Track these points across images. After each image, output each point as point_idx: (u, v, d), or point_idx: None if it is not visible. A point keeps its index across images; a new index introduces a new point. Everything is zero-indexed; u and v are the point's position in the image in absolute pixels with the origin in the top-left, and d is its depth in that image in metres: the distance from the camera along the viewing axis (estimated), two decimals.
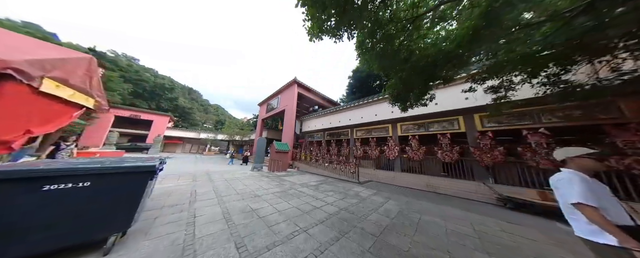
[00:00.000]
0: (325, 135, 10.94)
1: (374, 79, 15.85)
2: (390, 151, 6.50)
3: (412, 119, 6.14)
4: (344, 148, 8.97)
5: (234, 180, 5.26)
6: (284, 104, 12.92)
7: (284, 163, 8.61)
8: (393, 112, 6.59)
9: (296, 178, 6.50)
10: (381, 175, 6.57)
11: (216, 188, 4.14)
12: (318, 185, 5.24)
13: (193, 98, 58.24)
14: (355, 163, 6.58)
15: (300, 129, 13.82)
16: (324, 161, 8.44)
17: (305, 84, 12.72)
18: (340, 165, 7.32)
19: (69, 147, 3.95)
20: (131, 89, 20.30)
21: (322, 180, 6.35)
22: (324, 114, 10.71)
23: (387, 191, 4.92)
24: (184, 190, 3.76)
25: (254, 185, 4.76)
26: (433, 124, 5.75)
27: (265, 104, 16.61)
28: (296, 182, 5.63)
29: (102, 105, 4.19)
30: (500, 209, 3.54)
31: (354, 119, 8.55)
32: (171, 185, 4.16)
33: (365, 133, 8.17)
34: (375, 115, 7.31)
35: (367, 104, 7.83)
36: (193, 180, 4.97)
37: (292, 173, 7.93)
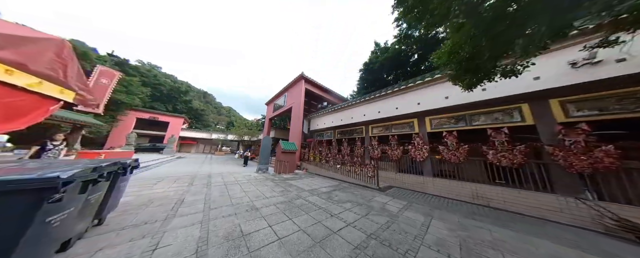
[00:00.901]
0: (335, 134, 9.96)
1: (390, 70, 14.28)
2: (418, 151, 5.30)
3: (447, 110, 4.88)
4: (357, 147, 7.90)
5: (234, 185, 4.59)
6: (291, 101, 12.23)
7: (292, 165, 7.85)
8: (420, 104, 5.37)
9: (305, 182, 5.65)
10: (406, 180, 5.40)
11: (209, 195, 3.45)
12: (330, 193, 4.31)
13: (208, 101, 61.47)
14: (374, 166, 5.52)
15: (308, 128, 13.03)
16: (336, 162, 7.48)
17: (313, 80, 11.88)
18: (354, 168, 6.29)
19: (57, 148, 3.56)
20: (150, 92, 21.55)
21: (335, 185, 5.41)
22: (335, 110, 9.74)
23: (421, 202, 3.79)
24: (171, 198, 3.13)
25: (255, 191, 4.01)
26: (478, 116, 4.43)
27: (272, 103, 16.17)
28: (304, 187, 4.77)
29: (87, 100, 3.63)
30: (628, 244, 2.24)
31: (369, 115, 7.44)
32: (160, 191, 3.59)
33: (383, 131, 7.02)
34: (396, 108, 6.14)
35: (385, 96, 6.68)
36: (189, 184, 4.40)
37: (300, 175, 7.12)
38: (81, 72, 3.31)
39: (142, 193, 3.40)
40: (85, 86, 3.15)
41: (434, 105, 5.02)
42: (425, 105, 5.24)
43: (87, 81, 3.71)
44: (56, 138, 3.57)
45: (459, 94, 4.19)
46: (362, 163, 6.28)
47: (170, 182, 4.57)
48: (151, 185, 4.08)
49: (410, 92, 5.76)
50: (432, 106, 5.04)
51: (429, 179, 4.88)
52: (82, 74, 3.26)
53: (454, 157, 4.47)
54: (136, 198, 3.01)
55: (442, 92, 4.83)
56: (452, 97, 4.58)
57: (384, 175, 5.86)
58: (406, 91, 5.87)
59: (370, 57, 15.16)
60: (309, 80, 11.69)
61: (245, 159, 10.40)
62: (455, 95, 4.50)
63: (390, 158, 6.19)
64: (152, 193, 3.44)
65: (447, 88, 4.73)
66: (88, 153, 5.42)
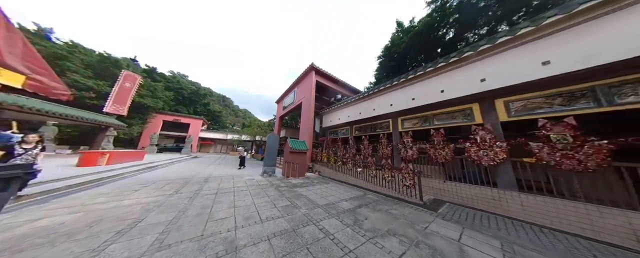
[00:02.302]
0: (352, 130, 8.45)
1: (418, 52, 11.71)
2: (485, 151, 3.50)
3: (540, 85, 2.99)
4: (382, 146, 6.30)
5: (226, 195, 3.58)
6: (301, 96, 11.15)
7: (302, 167, 6.69)
8: (485, 80, 3.56)
9: (317, 190, 4.38)
10: (463, 193, 3.66)
11: (181, 213, 2.44)
12: (355, 211, 2.94)
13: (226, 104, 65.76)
14: (414, 172, 3.91)
15: (320, 126, 11.77)
16: (356, 165, 6.02)
17: (325, 71, 10.58)
18: (383, 172, 4.75)
19: (29, 152, 2.79)
20: (173, 96, 23.24)
21: (358, 196, 4.00)
22: (351, 102, 8.24)
23: (522, 238, 2.12)
24: (128, 218, 2.19)
25: (248, 208, 2.89)
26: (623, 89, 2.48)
27: (282, 100, 15.43)
28: (317, 200, 3.49)
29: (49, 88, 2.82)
30: None
31: (398, 104, 5.77)
32: (128, 204, 2.74)
33: (420, 123, 5.28)
34: (441, 91, 4.39)
35: (423, 77, 4.95)
36: (175, 192, 3.55)
37: (311, 180, 5.88)
38: (34, 53, 2.40)
39: (101, 206, 2.58)
40: (45, 70, 2.44)
41: (512, 78, 3.19)
42: (495, 81, 3.42)
43: (45, 64, 2.97)
44: (27, 140, 2.85)
45: (576, 52, 2.37)
46: (393, 167, 4.69)
47: (156, 188, 3.81)
48: (129, 193, 3.33)
49: (467, 66, 3.96)
50: (510, 81, 3.21)
51: (511, 195, 3.08)
52: (36, 55, 2.38)
53: (573, 163, 2.55)
54: (79, 217, 2.14)
55: (531, 56, 2.99)
56: (556, 61, 2.73)
57: (424, 182, 4.20)
58: (459, 65, 4.08)
59: (392, 38, 12.89)
60: (319, 72, 10.43)
61: (241, 160, 8.90)
62: (564, 56, 2.65)
63: (433, 160, 4.47)
64: (115, 206, 2.60)
65: (542, 47, 2.88)
66: (92, 153, 5.14)
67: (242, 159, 8.90)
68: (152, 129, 18.77)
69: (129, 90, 12.06)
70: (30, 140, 2.88)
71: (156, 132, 17.75)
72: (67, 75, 12.79)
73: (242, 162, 8.80)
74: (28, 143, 2.85)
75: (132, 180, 4.65)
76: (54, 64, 12.99)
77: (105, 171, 4.87)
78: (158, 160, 8.55)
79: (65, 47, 14.26)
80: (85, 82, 13.04)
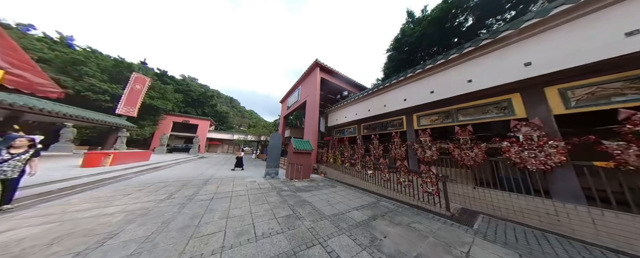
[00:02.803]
0: (361, 129, 7.86)
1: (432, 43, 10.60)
2: (532, 151, 2.79)
3: (622, 63, 2.26)
4: (394, 146, 5.67)
5: (222, 201, 3.21)
6: (306, 94, 10.74)
7: (307, 168, 6.25)
8: (531, 64, 2.85)
9: (324, 195, 3.90)
10: (501, 203, 2.98)
11: (165, 225, 2.08)
12: (370, 224, 2.42)
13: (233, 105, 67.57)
14: (438, 176, 3.30)
15: (325, 126, 11.29)
16: (366, 166, 5.45)
17: (330, 67, 10.07)
18: (398, 176, 4.15)
19: (16, 157, 2.51)
20: (182, 97, 23.98)
21: (370, 203, 3.46)
22: (359, 98, 7.66)
23: None
24: (105, 229, 1.87)
25: (243, 218, 2.48)
26: None
27: (287, 99, 15.15)
28: (324, 209, 3.01)
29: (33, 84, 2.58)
30: None
31: (413, 98, 5.12)
32: (114, 210, 2.45)
33: (441, 120, 4.60)
34: (468, 81, 3.70)
35: (444, 66, 4.27)
36: (168, 197, 3.25)
37: (316, 183, 5.42)
38: (15, 46, 2.19)
39: (83, 214, 2.30)
40: (28, 65, 2.25)
41: (575, 59, 2.47)
42: (547, 64, 2.71)
43: (29, 60, 2.72)
44: (15, 144, 2.60)
45: None
46: (411, 170, 4.07)
47: (150, 191, 3.56)
48: (121, 197, 3.08)
49: (503, 49, 3.25)
50: (571, 62, 2.49)
51: (576, 210, 2.37)
52: (17, 48, 2.17)
53: None
54: (47, 230, 1.85)
55: (608, 25, 2.27)
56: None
57: (448, 188, 3.55)
58: (492, 48, 3.37)
59: (402, 29, 11.93)
60: (324, 68, 9.94)
61: (237, 161, 8.23)
62: None
63: (458, 162, 3.80)
64: (96, 215, 2.31)
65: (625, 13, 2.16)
66: (95, 154, 5.08)
67: (239, 160, 8.30)
68: (163, 129, 19.41)
69: (139, 92, 12.41)
70: (19, 144, 2.64)
71: (166, 133, 18.31)
72: (85, 79, 13.49)
73: (238, 163, 8.19)
74: (16, 147, 2.61)
75: (131, 182, 4.49)
76: (73, 69, 13.78)
77: (107, 172, 4.77)
78: (163, 161, 8.57)
79: (83, 53, 15.08)
80: (100, 85, 13.67)
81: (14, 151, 2.56)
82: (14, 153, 2.54)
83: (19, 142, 2.64)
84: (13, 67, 2.42)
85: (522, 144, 2.88)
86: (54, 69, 13.00)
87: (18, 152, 2.58)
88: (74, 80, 13.14)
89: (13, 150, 2.57)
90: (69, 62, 13.66)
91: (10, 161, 2.48)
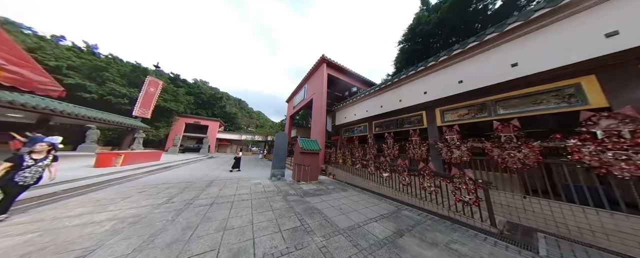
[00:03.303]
0: (372, 127, 7.26)
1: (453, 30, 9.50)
2: (619, 153, 2.06)
3: None
4: (412, 145, 5.03)
5: (222, 207, 2.90)
6: (312, 91, 10.35)
7: (314, 169, 5.83)
8: (618, 34, 2.10)
9: (335, 201, 3.44)
10: (574, 220, 2.28)
11: (152, 239, 1.78)
12: (395, 241, 1.93)
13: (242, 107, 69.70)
14: (477, 183, 2.66)
15: (332, 125, 10.80)
16: (380, 168, 4.88)
17: (337, 62, 9.55)
18: (422, 180, 3.54)
19: (39, 163, 2.42)
20: (193, 100, 24.99)
21: (390, 212, 2.93)
22: (370, 94, 7.07)
23: None
24: (83, 242, 1.61)
25: (242, 233, 2.11)
26: None
27: (293, 99, 14.91)
28: (337, 220, 2.55)
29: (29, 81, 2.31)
30: None
31: (436, 90, 4.45)
32: (104, 218, 2.23)
33: (471, 114, 3.89)
34: (513, 66, 2.98)
35: (475, 51, 3.57)
36: (167, 201, 3.02)
37: (325, 186, 4.98)
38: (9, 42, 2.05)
39: (70, 222, 2.09)
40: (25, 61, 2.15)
41: None
42: None
43: (27, 56, 2.57)
44: (36, 149, 2.48)
45: None
46: (438, 174, 3.44)
47: (150, 194, 3.37)
48: (119, 200, 2.90)
49: (567, 19, 2.52)
50: None
51: None
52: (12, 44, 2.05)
53: None
54: (21, 242, 1.62)
55: None
56: None
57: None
58: (547, 20, 2.63)
59: (417, 16, 10.86)
60: (331, 64, 9.45)
61: (235, 161, 7.68)
62: None
63: (498, 165, 3.11)
64: (84, 223, 2.09)
65: None
66: (107, 154, 5.15)
67: (237, 161, 7.73)
68: (176, 131, 20.30)
69: (152, 95, 12.94)
70: (40, 149, 2.51)
71: (179, 134, 19.11)
72: (107, 84, 14.46)
73: (236, 164, 7.61)
74: (38, 152, 2.49)
75: (137, 183, 4.41)
76: (97, 75, 14.85)
77: (116, 173, 4.78)
78: (173, 161, 8.70)
79: (105, 60, 16.21)
80: (120, 89, 14.55)
81: (36, 156, 2.44)
82: (36, 159, 2.42)
83: (39, 147, 2.51)
84: (8, 63, 2.29)
85: (603, 142, 2.16)
86: (81, 76, 14.08)
87: (39, 157, 2.46)
88: (97, 85, 14.12)
89: (35, 155, 2.45)
90: (93, 68, 14.73)
91: (32, 167, 2.36)
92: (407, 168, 4.04)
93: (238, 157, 8.01)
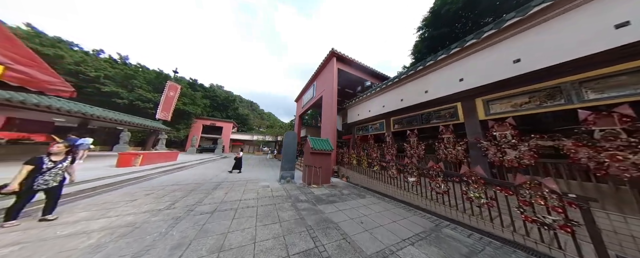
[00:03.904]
0: (390, 124, 6.44)
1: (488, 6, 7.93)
2: None
3: None
4: (443, 144, 4.16)
5: (224, 215, 2.54)
6: (322, 88, 9.83)
7: (326, 171, 5.30)
8: None
9: (353, 211, 2.86)
10: None
11: None
12: None
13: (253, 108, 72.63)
14: (567, 198, 1.84)
15: (343, 123, 10.13)
16: (404, 171, 4.12)
17: (347, 56, 8.87)
18: (469, 189, 2.74)
19: (59, 165, 2.31)
20: (209, 103, 26.49)
21: (427, 229, 2.24)
22: (388, 86, 6.25)
23: None
24: None
25: (240, 254, 1.67)
26: None
27: (302, 97, 14.60)
28: (359, 239, 1.98)
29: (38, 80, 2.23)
30: None
31: (477, 75, 3.54)
32: (99, 226, 2.02)
33: (536, 101, 2.94)
34: (620, 26, 2.04)
35: (549, 13, 2.63)
36: (169, 205, 2.79)
37: (339, 190, 4.41)
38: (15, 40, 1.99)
39: (66, 229, 1.89)
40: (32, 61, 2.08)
41: None
42: None
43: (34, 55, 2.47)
44: (53, 150, 2.35)
45: None
46: (489, 182, 2.61)
47: (156, 197, 3.21)
48: (122, 204, 2.76)
49: None
50: None
51: None
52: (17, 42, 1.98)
53: None
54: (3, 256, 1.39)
55: None
56: None
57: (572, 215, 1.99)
58: None
59: None
60: (341, 57, 8.81)
61: (236, 162, 7.03)
62: None
63: (592, 172, 2.18)
64: (76, 232, 1.88)
65: None
66: (127, 154, 5.36)
67: (237, 161, 7.04)
68: (194, 132, 21.66)
69: (172, 99, 13.79)
70: (57, 150, 2.35)
71: (197, 135, 20.31)
72: (136, 90, 15.95)
73: (236, 165, 6.96)
74: (56, 154, 2.35)
75: (149, 183, 4.41)
76: (128, 83, 16.50)
77: (132, 173, 4.88)
78: (188, 161, 8.99)
79: (134, 69, 17.94)
80: (146, 95, 15.93)
81: (55, 158, 2.34)
82: (56, 161, 2.33)
83: (56, 148, 2.37)
84: (15, 62, 2.21)
85: None
86: (115, 84, 15.78)
87: (58, 159, 2.36)
88: (127, 92, 15.66)
89: (54, 157, 2.34)
90: (124, 77, 16.39)
91: (52, 170, 2.26)
92: (442, 173, 3.24)
93: (238, 157, 7.20)
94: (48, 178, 2.20)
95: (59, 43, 16.32)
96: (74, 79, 14.27)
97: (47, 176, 2.19)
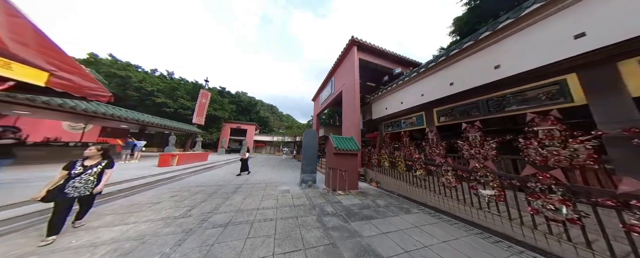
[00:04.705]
0: (434, 117, 5.08)
1: None
2: None
3: None
4: (533, 142, 2.75)
5: (238, 230, 2.07)
6: (341, 82, 8.97)
7: (352, 175, 4.48)
8: None
9: (403, 236, 1.97)
10: None
11: None
12: None
13: (273, 111, 77.18)
14: None
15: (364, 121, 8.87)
16: (475, 180, 2.89)
17: (370, 43, 7.74)
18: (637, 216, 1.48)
19: (89, 171, 2.12)
20: (235, 108, 29.10)
21: None
22: (428, 69, 4.91)
23: None
24: None
25: None
26: None
27: (319, 96, 14.05)
28: None
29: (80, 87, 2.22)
30: None
31: (611, 30, 2.09)
32: (111, 237, 1.83)
33: None
34: None
35: None
36: (185, 213, 2.55)
37: (372, 199, 3.52)
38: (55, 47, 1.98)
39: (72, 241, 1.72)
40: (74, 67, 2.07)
41: None
42: None
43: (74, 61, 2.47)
44: (87, 154, 2.19)
45: None
46: None
47: (177, 201, 3.10)
48: (146, 208, 2.67)
49: None
50: None
51: None
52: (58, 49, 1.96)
53: None
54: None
55: None
56: None
57: None
58: None
59: None
60: (363, 46, 7.76)
61: (242, 164, 6.50)
62: None
63: None
64: (83, 244, 1.69)
65: None
66: (166, 155, 5.89)
67: (243, 163, 6.50)
68: (224, 134, 24.03)
69: (204, 105, 15.40)
70: (90, 153, 2.18)
71: (226, 137, 22.42)
72: (178, 100, 18.71)
73: (243, 167, 6.41)
74: (91, 158, 2.18)
75: (179, 184, 4.57)
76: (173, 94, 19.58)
77: (168, 172, 5.23)
78: (217, 161, 9.62)
79: (177, 81, 21.12)
80: (186, 103, 18.46)
81: (87, 162, 2.15)
82: (87, 166, 2.12)
83: (89, 151, 2.19)
84: (59, 69, 2.26)
85: None
86: (164, 95, 18.89)
87: (91, 163, 2.15)
88: (173, 101, 18.48)
89: (87, 161, 2.16)
90: (171, 89, 19.45)
91: (82, 176, 2.06)
92: (564, 190, 1.95)
93: (244, 158, 6.64)
94: (78, 185, 1.99)
95: (128, 66, 20.67)
96: (138, 94, 17.70)
97: (77, 183, 1.99)
